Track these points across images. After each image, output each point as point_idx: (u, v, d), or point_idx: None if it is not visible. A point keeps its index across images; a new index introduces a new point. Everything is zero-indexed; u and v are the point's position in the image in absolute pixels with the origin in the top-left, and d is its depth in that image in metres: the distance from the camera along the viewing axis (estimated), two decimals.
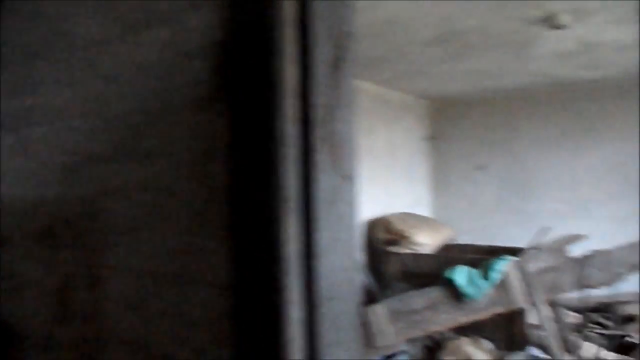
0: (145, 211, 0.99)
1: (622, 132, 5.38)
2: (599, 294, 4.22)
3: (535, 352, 3.88)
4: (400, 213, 5.05)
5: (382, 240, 4.67)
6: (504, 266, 3.57)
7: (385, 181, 5.43)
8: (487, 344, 4.07)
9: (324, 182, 0.78)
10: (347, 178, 0.83)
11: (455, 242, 5.20)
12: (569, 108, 5.63)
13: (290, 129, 0.74)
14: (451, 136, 6.31)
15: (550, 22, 3.18)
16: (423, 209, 6.14)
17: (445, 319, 3.66)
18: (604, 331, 4.20)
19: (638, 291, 4.94)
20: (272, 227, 0.74)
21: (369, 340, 3.73)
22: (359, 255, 4.43)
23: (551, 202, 5.72)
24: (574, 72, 4.82)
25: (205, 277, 0.88)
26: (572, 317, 4.65)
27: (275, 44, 0.73)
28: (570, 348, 3.61)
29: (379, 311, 3.75)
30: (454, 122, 6.30)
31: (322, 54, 0.78)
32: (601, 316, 4.55)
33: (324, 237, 0.78)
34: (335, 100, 0.80)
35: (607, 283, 3.51)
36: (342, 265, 0.82)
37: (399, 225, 4.57)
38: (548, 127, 5.75)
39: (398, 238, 4.52)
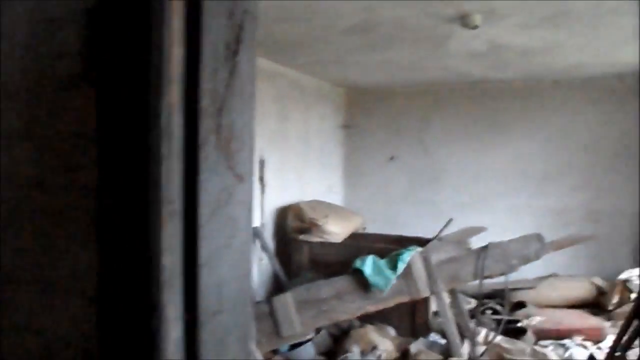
0: (4, 206, 0.83)
1: (522, 130, 5.73)
2: (494, 281, 4.48)
3: (436, 338, 4.06)
4: (312, 201, 5.03)
5: (293, 228, 4.62)
6: (409, 257, 3.66)
7: (298, 168, 5.38)
8: (391, 331, 4.19)
9: (212, 182, 0.68)
10: (242, 177, 0.73)
11: (365, 232, 5.28)
12: (478, 105, 5.89)
13: (172, 119, 0.63)
14: (365, 126, 6.38)
15: (464, 21, 3.26)
16: (335, 197, 6.18)
17: (352, 307, 3.71)
18: (496, 317, 4.47)
19: (528, 279, 5.34)
20: (147, 232, 0.63)
21: (276, 330, 3.69)
22: (253, 263, 4.33)
23: (457, 194, 5.98)
24: (484, 72, 5.03)
25: (74, 286, 0.75)
26: (469, 304, 4.92)
27: (158, 17, 0.62)
28: (467, 334, 3.79)
29: (286, 301, 3.71)
30: (369, 112, 6.37)
31: (215, 34, 0.67)
32: (495, 302, 4.84)
33: (211, 244, 0.68)
34: (230, 88, 0.69)
35: (503, 273, 3.71)
36: (233, 274, 0.73)
37: (310, 213, 4.54)
38: (457, 122, 5.99)
39: (309, 226, 4.49)
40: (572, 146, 5.56)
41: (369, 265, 3.68)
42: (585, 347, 3.95)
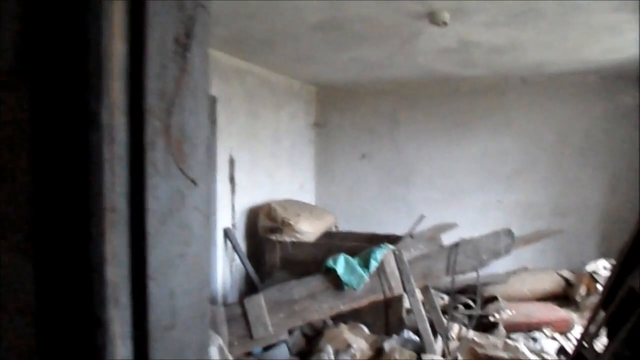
0: None
1: (492, 127, 5.80)
2: (466, 276, 4.51)
3: (410, 335, 4.06)
4: (284, 200, 4.98)
5: (264, 227, 4.57)
6: (381, 255, 3.65)
7: (270, 167, 5.32)
8: (365, 330, 4.17)
9: (162, 187, 0.63)
10: (195, 181, 0.68)
11: (338, 230, 5.26)
12: (448, 103, 5.93)
13: (114, 120, 0.58)
14: (337, 124, 6.36)
15: (433, 18, 3.26)
16: (307, 196, 6.15)
17: (325, 307, 3.67)
18: (469, 312, 4.51)
19: (499, 273, 5.41)
20: (90, 243, 0.58)
21: (248, 332, 3.64)
22: (210, 272, 4.27)
23: (428, 190, 6.02)
24: (453, 69, 5.06)
25: (11, 302, 0.69)
26: (443, 300, 4.95)
27: (96, 9, 0.57)
28: (440, 330, 3.81)
29: (258, 302, 3.66)
30: (340, 110, 6.35)
31: (163, 27, 0.62)
32: (468, 297, 4.88)
33: (161, 254, 0.63)
34: (180, 86, 0.65)
35: (474, 269, 3.74)
36: (187, 286, 0.68)
37: (282, 213, 4.49)
38: (428, 120, 6.02)
39: (280, 226, 4.44)
40: (539, 142, 5.65)
41: (341, 264, 3.65)
42: (554, 338, 4.02)
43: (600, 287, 4.67)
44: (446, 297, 5.03)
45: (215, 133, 4.33)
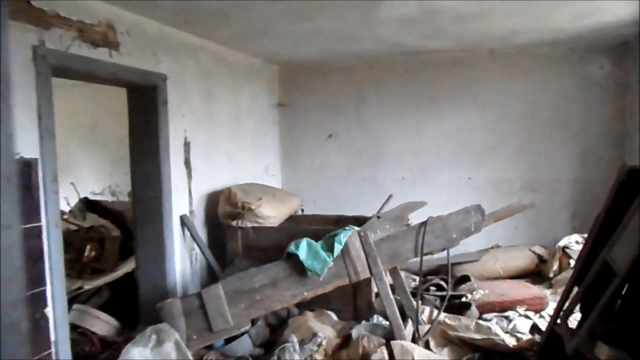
0: None
1: (460, 102, 5.61)
2: (437, 256, 4.35)
3: (380, 320, 3.89)
4: (245, 184, 4.72)
5: (224, 213, 4.31)
6: (346, 237, 3.44)
7: (230, 150, 5.04)
8: (333, 316, 3.98)
9: None
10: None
11: (303, 213, 5.03)
12: (414, 78, 5.72)
13: None
14: (301, 103, 6.10)
15: None
16: (273, 179, 5.90)
17: (288, 295, 3.46)
18: (441, 293, 4.36)
19: (472, 252, 5.28)
20: None
21: (208, 325, 3.40)
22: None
23: (397, 169, 5.83)
24: (418, 41, 4.84)
25: None
26: (414, 281, 4.79)
27: None
28: (410, 313, 3.63)
29: (217, 292, 3.42)
30: (305, 89, 6.09)
31: None
32: (439, 278, 4.74)
33: None
34: None
35: (444, 248, 3.56)
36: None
37: (243, 197, 4.24)
38: (395, 96, 5.81)
39: (241, 211, 4.19)
40: (509, 116, 5.50)
41: (303, 248, 3.43)
42: (528, 317, 3.89)
43: (573, 263, 4.57)
44: (418, 279, 4.88)
45: (167, 114, 4.03)
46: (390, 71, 5.77)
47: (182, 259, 4.26)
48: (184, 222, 4.22)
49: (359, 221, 3.85)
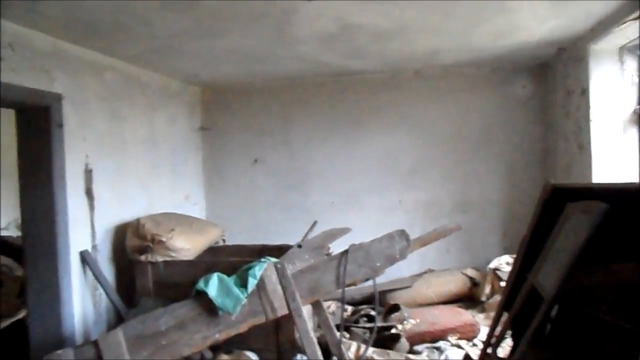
0: None
1: (388, 124, 5.49)
2: (369, 284, 4.09)
3: (304, 358, 3.56)
4: (158, 214, 4.32)
5: (132, 247, 3.89)
6: (261, 270, 3.13)
7: (143, 177, 4.63)
8: (253, 356, 3.62)
9: None
10: None
11: (224, 244, 4.67)
12: (341, 100, 5.56)
13: None
14: (226, 127, 5.79)
15: None
16: (195, 208, 5.51)
17: (198, 338, 3.07)
18: (369, 325, 4.09)
19: (404, 277, 5.08)
20: None
21: None
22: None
23: (326, 194, 5.60)
24: (341, 61, 4.67)
25: None
26: (346, 311, 4.51)
27: None
28: (334, 350, 3.34)
29: (116, 339, 2.99)
30: (229, 112, 5.79)
31: None
32: (370, 307, 4.48)
33: None
34: None
35: (368, 278, 3.31)
36: None
37: (153, 229, 3.84)
38: (322, 119, 5.61)
39: (150, 244, 3.79)
40: (437, 137, 5.42)
41: (213, 284, 3.08)
42: (460, 346, 3.70)
43: (504, 284, 4.45)
44: (350, 309, 4.61)
45: (62, 138, 3.60)
46: (317, 93, 5.58)
47: (83, 301, 3.78)
48: (84, 259, 3.76)
49: (283, 250, 3.56)
